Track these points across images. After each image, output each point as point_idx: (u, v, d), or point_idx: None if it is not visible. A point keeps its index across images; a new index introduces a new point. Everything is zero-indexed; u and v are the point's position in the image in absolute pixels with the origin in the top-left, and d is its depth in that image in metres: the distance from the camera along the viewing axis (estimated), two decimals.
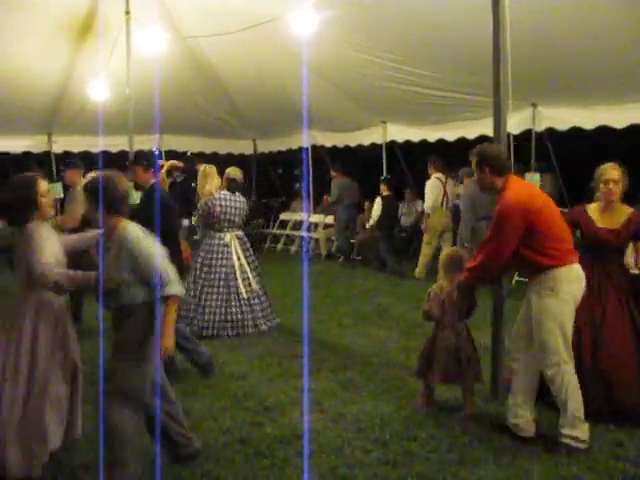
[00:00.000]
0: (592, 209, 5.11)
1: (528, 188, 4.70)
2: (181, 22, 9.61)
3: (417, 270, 10.85)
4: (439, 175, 10.95)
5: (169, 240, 4.64)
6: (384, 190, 11.74)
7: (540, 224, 4.39)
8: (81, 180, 7.59)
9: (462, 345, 4.98)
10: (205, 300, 7.35)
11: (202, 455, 4.32)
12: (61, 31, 9.54)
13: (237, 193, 7.72)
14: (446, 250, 6.54)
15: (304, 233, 13.66)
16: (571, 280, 4.43)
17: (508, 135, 5.27)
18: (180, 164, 9.41)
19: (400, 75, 8.96)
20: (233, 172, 7.87)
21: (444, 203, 10.86)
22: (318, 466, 4.16)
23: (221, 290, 7.37)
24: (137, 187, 6.14)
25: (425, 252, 10.90)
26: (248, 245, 7.80)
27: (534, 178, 9.45)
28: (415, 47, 8.20)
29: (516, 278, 9.45)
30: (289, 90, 10.66)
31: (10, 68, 9.70)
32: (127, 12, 8.63)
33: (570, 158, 11.17)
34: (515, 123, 9.10)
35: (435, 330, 5.15)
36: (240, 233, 7.72)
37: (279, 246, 14.87)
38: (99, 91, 9.58)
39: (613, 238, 4.97)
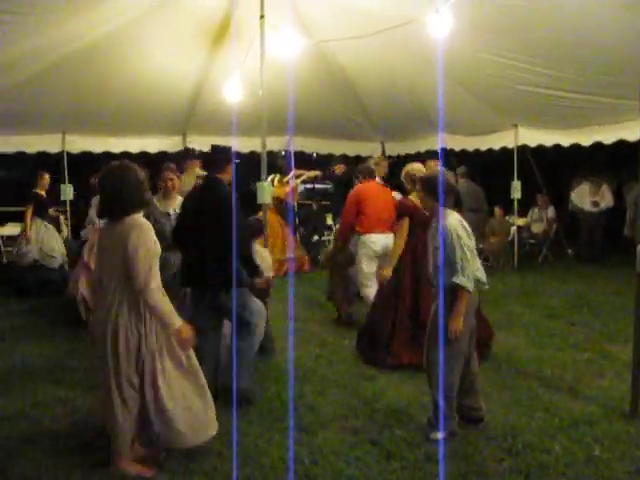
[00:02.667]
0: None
1: (366, 186, 7.95)
2: (313, 25, 9.74)
3: None
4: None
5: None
6: None
7: (361, 206, 7.69)
8: None
9: None
10: None
11: (333, 454, 4.39)
12: (199, 35, 9.89)
13: None
14: None
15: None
16: (367, 241, 7.62)
17: None
18: (318, 173, 9.70)
19: (534, 77, 8.71)
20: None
21: None
22: (448, 472, 4.11)
23: None
24: None
25: None
26: None
27: None
28: (550, 48, 7.95)
29: None
30: (419, 92, 10.60)
31: (152, 72, 10.14)
32: (262, 16, 8.82)
33: None
34: None
35: None
36: None
37: None
38: (233, 93, 9.84)
39: None
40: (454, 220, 4.64)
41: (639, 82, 4.90)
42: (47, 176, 10.49)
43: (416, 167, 6.83)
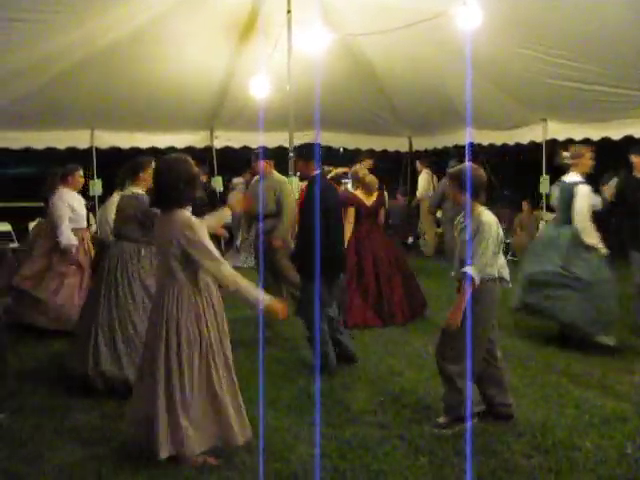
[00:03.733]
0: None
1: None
2: (340, 20, 9.71)
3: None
4: (428, 170, 13.89)
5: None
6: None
7: None
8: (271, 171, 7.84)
9: None
10: None
11: (361, 448, 4.40)
12: (225, 31, 9.90)
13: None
14: None
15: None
16: None
17: None
18: (346, 170, 9.82)
19: (564, 71, 8.61)
20: None
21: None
22: (476, 467, 4.10)
23: None
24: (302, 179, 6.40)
25: (430, 232, 13.87)
26: None
27: None
28: (582, 42, 7.86)
29: None
30: (447, 87, 10.54)
31: (179, 67, 10.18)
32: (289, 11, 8.82)
33: None
34: None
35: None
36: None
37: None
38: (260, 88, 9.85)
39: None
40: (491, 217, 4.65)
41: None
42: None
43: (360, 168, 8.50)
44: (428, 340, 6.94)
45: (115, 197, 6.34)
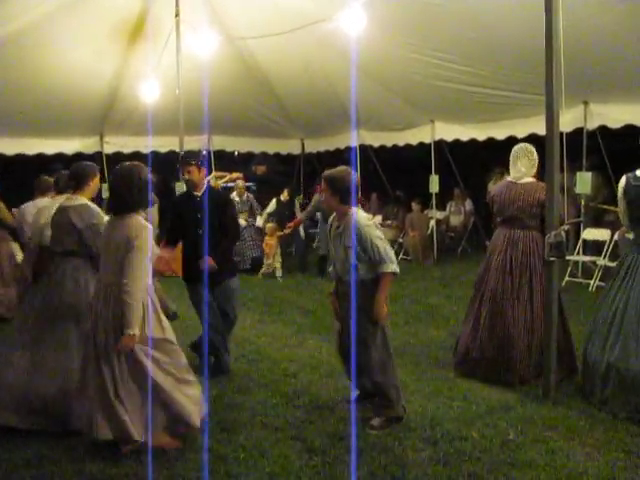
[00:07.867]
0: None
1: None
2: (230, 24, 9.71)
3: None
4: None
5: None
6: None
7: None
8: None
9: None
10: None
11: (255, 451, 4.38)
12: (113, 34, 9.72)
13: None
14: None
15: None
16: None
17: (561, 134, 5.17)
18: (240, 175, 9.82)
19: (449, 73, 8.91)
20: None
21: None
22: (369, 464, 4.17)
23: None
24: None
25: None
26: None
27: (585, 177, 9.32)
28: (465, 45, 8.15)
29: (567, 278, 9.39)
30: (337, 89, 10.69)
31: (64, 70, 9.91)
32: (177, 15, 8.76)
33: (622, 157, 10.88)
34: (566, 121, 8.91)
35: None
36: None
37: None
38: (150, 92, 9.72)
39: None
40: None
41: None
42: None
43: None
44: (322, 342, 7.02)
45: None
